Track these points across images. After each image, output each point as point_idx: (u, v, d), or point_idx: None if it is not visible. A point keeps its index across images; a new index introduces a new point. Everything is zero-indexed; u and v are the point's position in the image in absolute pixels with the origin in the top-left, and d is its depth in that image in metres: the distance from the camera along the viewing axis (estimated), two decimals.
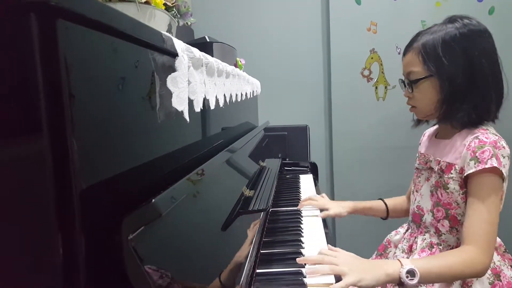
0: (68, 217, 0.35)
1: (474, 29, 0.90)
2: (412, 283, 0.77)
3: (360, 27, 2.17)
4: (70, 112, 0.35)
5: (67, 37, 0.35)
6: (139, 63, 0.51)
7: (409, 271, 0.78)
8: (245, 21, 2.30)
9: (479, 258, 0.81)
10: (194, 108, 0.69)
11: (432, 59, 0.89)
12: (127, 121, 0.46)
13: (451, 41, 0.88)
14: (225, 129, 1.10)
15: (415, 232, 1.03)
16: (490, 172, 0.83)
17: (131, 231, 0.39)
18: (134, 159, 0.48)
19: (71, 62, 0.35)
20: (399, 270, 0.78)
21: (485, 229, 0.82)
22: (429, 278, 0.81)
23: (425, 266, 0.80)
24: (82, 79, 0.37)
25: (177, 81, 0.58)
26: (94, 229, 0.37)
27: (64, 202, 0.35)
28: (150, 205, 0.42)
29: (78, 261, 0.35)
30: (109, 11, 0.40)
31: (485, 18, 2.06)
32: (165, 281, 0.42)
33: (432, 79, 0.90)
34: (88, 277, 0.36)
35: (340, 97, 2.23)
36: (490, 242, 0.83)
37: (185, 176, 0.59)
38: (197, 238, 0.58)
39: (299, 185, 1.55)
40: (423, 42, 0.91)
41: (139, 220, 0.40)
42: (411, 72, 0.93)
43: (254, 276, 0.77)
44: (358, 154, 2.25)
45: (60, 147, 0.34)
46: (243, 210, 0.80)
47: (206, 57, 0.77)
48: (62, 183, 0.35)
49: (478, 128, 0.89)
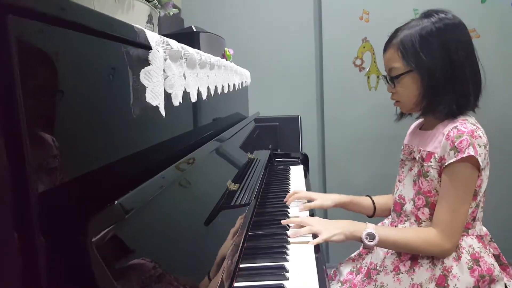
0: (26, 220, 0.34)
1: (449, 23, 0.92)
2: (370, 244, 0.90)
3: (352, 15, 2.15)
4: (24, 111, 0.33)
5: (20, 34, 0.33)
6: (109, 58, 0.49)
7: (369, 234, 0.90)
8: (236, 10, 2.26)
9: (438, 241, 0.88)
10: (173, 102, 0.67)
11: (410, 55, 0.92)
12: (93, 119, 0.45)
13: (428, 36, 0.90)
14: (211, 121, 1.08)
15: (396, 221, 1.04)
16: (467, 161, 0.86)
17: (95, 234, 0.37)
18: (103, 158, 0.46)
19: (25, 60, 0.33)
20: (362, 231, 0.90)
21: (450, 216, 0.88)
22: (386, 243, 0.92)
23: (385, 233, 0.91)
24: (40, 77, 0.36)
25: (150, 75, 0.56)
26: (56, 232, 0.36)
27: (22, 204, 0.34)
28: (115, 206, 0.41)
29: (38, 265, 0.34)
30: (70, 6, 0.39)
31: (478, 7, 2.04)
32: (134, 284, 0.41)
33: (412, 74, 0.93)
34: (49, 281, 0.35)
35: (332, 86, 2.21)
36: (453, 229, 0.89)
37: (160, 172, 0.58)
38: (172, 236, 0.57)
39: (289, 176, 1.54)
40: (401, 38, 0.93)
41: (104, 222, 0.39)
42: (392, 69, 0.96)
43: (237, 271, 0.77)
44: (350, 144, 2.24)
45: (15, 146, 0.33)
46: (225, 205, 0.79)
47: (186, 48, 0.75)
48: (19, 184, 0.34)
49: (459, 118, 0.92)
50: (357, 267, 1.09)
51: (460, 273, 0.89)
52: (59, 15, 0.36)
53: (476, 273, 0.89)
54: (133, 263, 0.44)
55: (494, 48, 2.04)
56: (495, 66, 2.04)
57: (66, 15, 0.37)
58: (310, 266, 0.80)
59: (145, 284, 0.46)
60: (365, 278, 1.01)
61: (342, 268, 1.13)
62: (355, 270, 1.09)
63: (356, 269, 1.09)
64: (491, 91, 1.01)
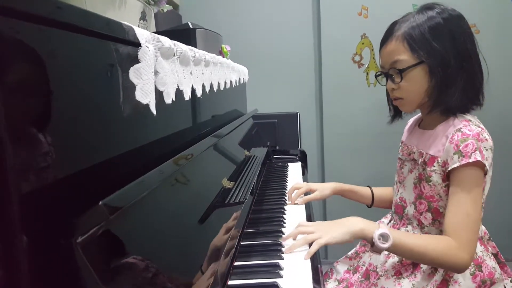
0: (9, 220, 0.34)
1: (453, 14, 0.89)
2: (382, 246, 0.79)
3: (351, 11, 2.13)
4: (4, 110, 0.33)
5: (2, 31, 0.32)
6: (97, 56, 0.49)
7: (382, 234, 0.79)
8: (234, 7, 2.25)
9: (457, 253, 0.79)
10: (164, 100, 0.67)
11: (421, 46, 0.86)
12: (81, 118, 0.44)
13: (438, 26, 0.86)
14: (207, 119, 1.08)
15: (398, 224, 1.02)
16: (473, 165, 0.81)
17: (80, 234, 0.37)
18: (92, 157, 0.46)
19: (6, 59, 0.33)
20: (374, 231, 0.80)
21: (466, 223, 0.81)
22: (401, 249, 0.81)
23: (401, 237, 0.80)
24: (23, 76, 0.35)
25: (140, 72, 0.56)
26: (40, 232, 0.35)
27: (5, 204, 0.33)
28: (101, 206, 0.40)
29: (21, 266, 0.34)
30: (56, 5, 0.38)
31: (478, 2, 2.03)
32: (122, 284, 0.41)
33: (423, 66, 0.87)
34: (33, 283, 0.34)
35: (331, 83, 2.20)
36: (471, 238, 0.81)
37: (152, 169, 0.57)
38: (163, 235, 0.56)
39: (287, 174, 1.54)
40: (406, 30, 0.88)
41: (90, 222, 0.38)
42: (398, 61, 0.89)
43: (232, 269, 0.77)
44: (349, 141, 2.24)
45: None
46: (219, 204, 0.79)
47: (179, 46, 0.74)
48: (2, 184, 0.33)
49: (462, 118, 0.88)
50: (354, 265, 1.09)
51: (462, 279, 0.87)
52: (44, 14, 0.36)
53: (478, 278, 0.87)
54: (122, 263, 0.44)
55: (494, 43, 2.03)
56: (495, 61, 2.02)
57: (52, 14, 0.37)
58: (305, 264, 0.79)
59: (135, 284, 0.45)
60: (363, 279, 1.00)
61: (339, 267, 1.12)
62: (352, 269, 1.09)
63: (353, 268, 1.08)
64: (491, 87, 0.99)
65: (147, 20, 0.85)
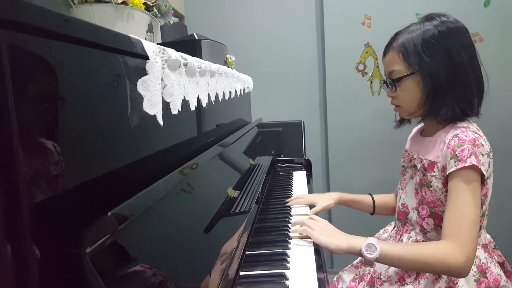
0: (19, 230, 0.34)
1: (451, 26, 0.90)
2: (370, 257, 0.81)
3: (355, 20, 2.15)
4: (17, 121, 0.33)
5: (16, 46, 0.33)
6: (106, 69, 0.50)
7: (369, 245, 0.82)
8: (238, 17, 2.28)
9: (453, 254, 0.78)
10: (171, 111, 0.68)
11: (413, 57, 0.90)
12: (91, 128, 0.45)
13: (430, 38, 0.89)
14: (213, 128, 1.08)
15: (401, 230, 1.03)
16: (469, 170, 0.83)
17: (89, 244, 0.38)
18: (100, 167, 0.46)
19: (20, 72, 0.34)
20: (361, 243, 0.83)
21: (463, 224, 0.80)
22: (390, 258, 0.82)
23: (388, 247, 0.83)
24: (36, 88, 0.36)
25: (148, 84, 0.57)
26: (49, 242, 0.36)
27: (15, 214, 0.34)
28: (110, 216, 0.41)
29: (30, 276, 0.35)
30: (66, 20, 0.39)
31: (481, 10, 2.03)
32: None
33: (414, 76, 0.91)
34: None
35: (335, 92, 2.21)
36: (468, 239, 0.79)
37: (159, 179, 0.58)
38: (170, 245, 0.57)
39: (292, 182, 1.54)
40: (403, 41, 0.92)
41: (99, 232, 0.39)
42: (393, 71, 0.94)
43: (237, 279, 0.77)
44: (354, 149, 2.24)
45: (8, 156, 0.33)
46: (225, 213, 0.79)
47: (185, 57, 0.75)
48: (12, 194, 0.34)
49: (460, 124, 0.89)
50: (360, 274, 1.08)
51: (467, 285, 0.86)
52: (55, 29, 0.37)
53: (483, 285, 0.87)
54: (130, 273, 0.44)
55: (497, 52, 2.03)
56: (498, 70, 2.03)
57: (62, 28, 0.38)
58: (310, 274, 0.79)
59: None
60: (368, 287, 1.00)
61: (345, 276, 1.12)
62: (357, 277, 1.08)
63: (359, 276, 1.08)
64: (494, 95, 1.00)
65: (154, 32, 0.87)
